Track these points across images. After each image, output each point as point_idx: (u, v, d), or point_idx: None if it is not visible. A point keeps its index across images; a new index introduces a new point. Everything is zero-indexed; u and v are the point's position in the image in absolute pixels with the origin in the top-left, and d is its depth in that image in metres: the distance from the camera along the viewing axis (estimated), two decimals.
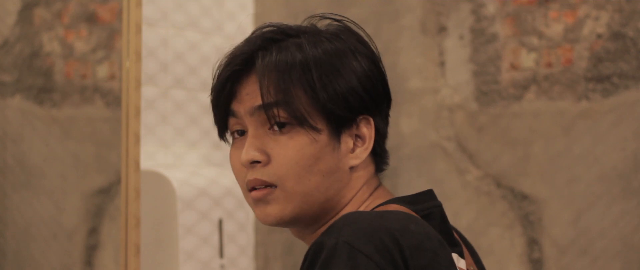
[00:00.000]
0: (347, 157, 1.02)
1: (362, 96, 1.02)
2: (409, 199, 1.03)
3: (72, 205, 1.98)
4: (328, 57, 1.02)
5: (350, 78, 1.01)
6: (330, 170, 1.01)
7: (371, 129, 1.03)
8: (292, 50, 1.02)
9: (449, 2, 2.15)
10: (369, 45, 1.07)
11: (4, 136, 1.87)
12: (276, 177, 1.01)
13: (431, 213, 1.01)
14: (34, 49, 1.93)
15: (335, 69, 1.01)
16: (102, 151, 2.01)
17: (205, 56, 2.34)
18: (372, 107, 1.03)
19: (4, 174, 1.87)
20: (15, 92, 1.90)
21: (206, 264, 2.16)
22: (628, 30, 1.89)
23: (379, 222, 0.92)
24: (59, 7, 1.98)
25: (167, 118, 2.24)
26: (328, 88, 1.00)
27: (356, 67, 1.02)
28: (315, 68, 1.00)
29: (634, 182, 1.87)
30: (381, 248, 0.88)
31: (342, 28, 1.08)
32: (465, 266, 1.01)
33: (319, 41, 1.03)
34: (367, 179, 1.05)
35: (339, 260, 0.88)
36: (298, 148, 1.00)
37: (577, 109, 1.95)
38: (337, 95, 1.00)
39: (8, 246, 1.87)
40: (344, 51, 1.03)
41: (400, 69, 2.20)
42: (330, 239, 0.89)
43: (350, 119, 1.02)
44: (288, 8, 2.41)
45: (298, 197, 1.01)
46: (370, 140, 1.03)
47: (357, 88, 1.01)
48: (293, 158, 1.00)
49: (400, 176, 2.17)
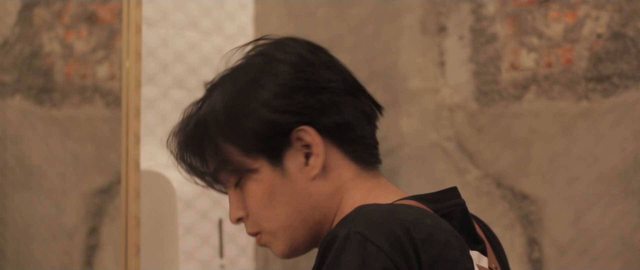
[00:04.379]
0: (302, 172, 1.03)
1: (280, 117, 1.02)
2: (430, 197, 1.03)
3: (72, 205, 1.98)
4: (229, 103, 1.03)
5: (257, 109, 1.02)
6: (291, 195, 1.04)
7: (312, 134, 1.02)
8: (191, 122, 1.06)
9: (449, 2, 2.15)
10: (286, 50, 1.06)
11: (4, 136, 1.87)
12: (257, 225, 1.07)
13: (452, 211, 1.01)
14: (34, 49, 1.93)
15: (240, 109, 1.03)
16: (102, 151, 2.01)
17: (205, 56, 2.34)
18: (305, 115, 1.03)
19: (4, 174, 1.87)
20: (15, 92, 1.90)
21: (206, 264, 2.16)
22: (628, 30, 1.89)
23: (391, 214, 0.92)
24: (59, 7, 1.98)
25: (167, 118, 2.24)
26: (239, 131, 1.02)
27: (262, 94, 1.03)
28: (217, 124, 1.03)
29: (634, 182, 1.87)
30: (392, 239, 0.89)
31: (250, 56, 1.08)
32: (487, 264, 1.01)
33: (222, 90, 1.05)
34: (351, 176, 1.05)
35: (351, 249, 0.89)
36: (252, 195, 1.04)
37: (577, 109, 1.95)
38: (252, 132, 1.02)
39: (8, 246, 1.87)
40: (245, 86, 1.04)
41: (400, 69, 2.20)
42: (342, 229, 0.91)
43: (282, 142, 1.03)
44: (288, 8, 2.41)
45: (281, 233, 1.05)
46: (317, 146, 1.02)
47: (268, 115, 1.02)
48: (254, 205, 1.05)
49: (400, 176, 2.17)
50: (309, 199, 1.04)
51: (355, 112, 1.05)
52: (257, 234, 1.08)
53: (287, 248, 1.07)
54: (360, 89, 1.08)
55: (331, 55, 1.09)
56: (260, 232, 1.07)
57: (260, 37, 1.09)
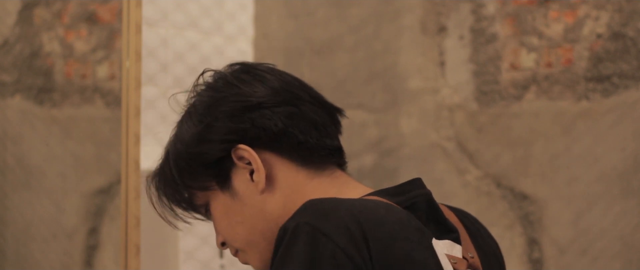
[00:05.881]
0: (249, 189, 1.07)
1: (207, 147, 1.07)
2: (392, 190, 1.04)
3: (72, 205, 1.98)
4: (171, 148, 1.12)
5: (187, 141, 1.09)
6: (244, 213, 1.08)
7: (248, 151, 1.05)
8: (160, 179, 1.14)
9: (449, 2, 2.15)
10: (210, 84, 1.12)
11: (4, 136, 1.87)
12: (232, 246, 1.11)
13: (415, 202, 1.02)
14: (34, 49, 1.93)
15: (177, 152, 1.10)
16: (102, 151, 2.01)
17: (205, 56, 2.34)
18: (235, 137, 1.07)
19: (4, 174, 1.87)
20: (15, 92, 1.90)
21: (206, 264, 2.16)
22: (628, 30, 1.89)
23: (339, 204, 0.94)
24: (59, 7, 1.98)
25: (167, 118, 2.24)
26: (182, 168, 1.09)
27: (187, 129, 1.10)
28: (169, 167, 1.11)
29: (634, 182, 1.87)
30: (341, 226, 0.91)
31: (190, 99, 1.15)
32: (461, 253, 1.01)
33: (172, 138, 1.14)
34: (304, 181, 1.07)
35: (300, 239, 0.90)
36: (215, 218, 1.10)
37: (577, 109, 1.95)
38: (188, 168, 1.09)
39: (8, 246, 1.87)
40: (177, 130, 1.12)
41: (400, 69, 2.20)
42: (291, 222, 0.93)
43: (226, 165, 1.07)
44: (288, 8, 2.41)
45: (248, 249, 1.09)
46: (256, 161, 1.05)
47: (193, 147, 1.08)
48: (219, 228, 1.11)
49: (400, 176, 2.17)
50: (262, 212, 1.07)
51: (293, 121, 1.07)
52: (236, 253, 1.12)
53: (260, 262, 1.10)
54: (299, 98, 1.09)
55: (264, 70, 1.12)
56: (237, 251, 1.12)
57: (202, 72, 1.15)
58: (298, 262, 0.90)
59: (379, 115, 2.14)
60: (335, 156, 1.10)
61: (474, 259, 1.04)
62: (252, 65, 1.13)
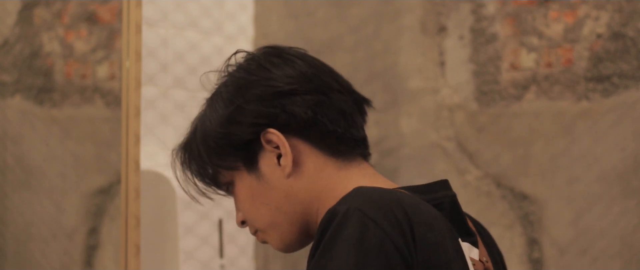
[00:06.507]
0: (276, 172, 1.09)
1: (237, 128, 1.09)
2: (421, 188, 1.06)
3: (72, 205, 1.98)
4: (200, 126, 1.13)
5: (216, 121, 1.10)
6: (269, 195, 1.10)
7: (277, 135, 1.07)
8: (185, 139, 1.16)
9: (449, 2, 2.15)
10: (242, 66, 1.13)
11: (4, 136, 1.87)
12: (252, 226, 1.14)
13: (442, 203, 1.04)
14: (34, 49, 1.93)
15: (206, 131, 1.12)
16: (102, 151, 2.01)
17: (205, 56, 2.34)
18: (265, 121, 1.08)
19: (4, 174, 1.87)
20: (15, 92, 1.90)
21: (206, 264, 2.16)
22: (628, 30, 1.89)
23: (389, 195, 0.96)
24: (59, 7, 1.98)
25: (167, 118, 2.24)
26: (211, 148, 1.11)
27: (218, 108, 1.11)
28: (197, 144, 1.13)
29: (634, 182, 1.87)
30: (391, 218, 0.92)
31: (221, 78, 1.16)
32: (478, 256, 1.03)
33: (201, 112, 1.15)
34: (331, 170, 1.09)
35: (350, 224, 0.92)
36: (238, 199, 1.13)
37: (577, 109, 1.95)
38: (217, 148, 1.10)
39: (8, 246, 1.87)
40: (207, 109, 1.14)
41: (400, 69, 2.20)
42: (342, 206, 0.94)
43: (254, 148, 1.09)
44: (288, 8, 2.41)
45: (270, 230, 1.12)
46: (284, 146, 1.07)
47: (223, 127, 1.10)
48: (243, 208, 1.13)
49: (400, 176, 2.17)
50: (287, 196, 1.09)
51: (322, 109, 1.09)
52: (255, 233, 1.14)
53: (280, 243, 1.12)
54: (329, 86, 1.11)
55: (295, 55, 1.13)
56: (257, 231, 1.13)
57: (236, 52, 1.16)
58: (348, 245, 0.91)
59: (379, 115, 2.14)
60: (361, 147, 1.12)
61: (488, 263, 1.07)
62: (283, 49, 1.14)
